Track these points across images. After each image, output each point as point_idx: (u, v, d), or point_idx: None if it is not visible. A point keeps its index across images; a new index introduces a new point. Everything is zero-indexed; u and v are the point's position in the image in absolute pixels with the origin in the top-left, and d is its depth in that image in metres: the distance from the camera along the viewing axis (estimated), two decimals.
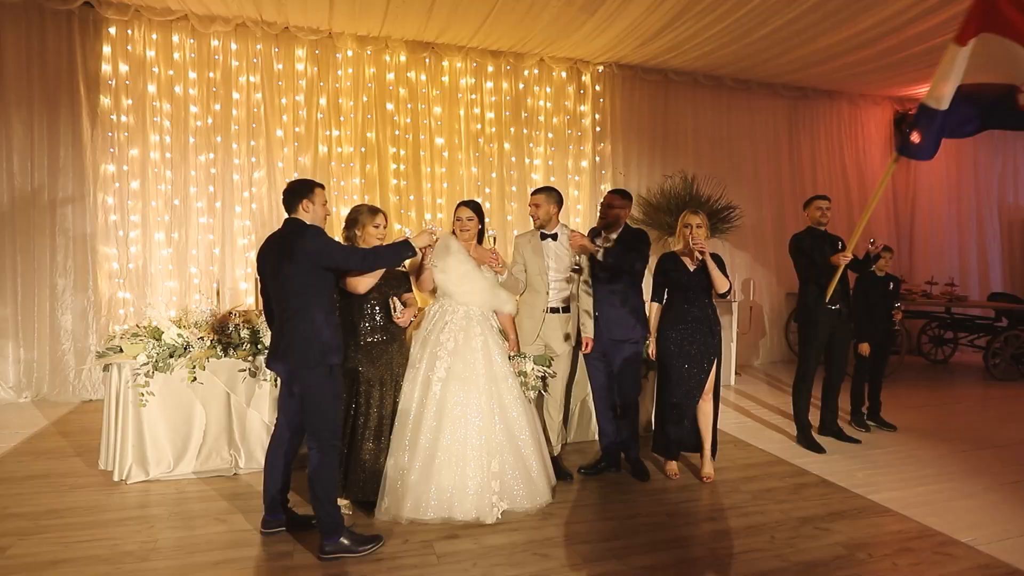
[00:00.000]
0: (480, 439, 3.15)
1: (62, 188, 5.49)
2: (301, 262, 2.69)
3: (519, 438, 3.28)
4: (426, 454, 3.11)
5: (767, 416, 5.29)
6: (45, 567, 2.68)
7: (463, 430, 3.15)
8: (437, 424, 3.14)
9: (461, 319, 3.33)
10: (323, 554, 2.75)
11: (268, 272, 2.81)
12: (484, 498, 3.10)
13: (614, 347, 3.71)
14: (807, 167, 8.10)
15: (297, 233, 2.74)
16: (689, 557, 2.85)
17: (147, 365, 3.58)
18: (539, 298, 3.69)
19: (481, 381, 3.23)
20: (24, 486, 3.53)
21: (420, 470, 3.10)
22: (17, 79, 5.35)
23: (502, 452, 3.20)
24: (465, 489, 3.09)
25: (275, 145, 6.02)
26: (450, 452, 3.11)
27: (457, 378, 3.20)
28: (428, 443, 3.13)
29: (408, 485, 3.09)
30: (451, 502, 3.08)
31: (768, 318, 7.93)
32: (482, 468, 3.13)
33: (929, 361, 8.00)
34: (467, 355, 3.25)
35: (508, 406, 3.28)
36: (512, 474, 3.22)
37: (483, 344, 3.30)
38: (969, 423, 5.21)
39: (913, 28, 5.65)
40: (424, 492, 3.07)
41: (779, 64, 6.85)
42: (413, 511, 3.06)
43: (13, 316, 5.42)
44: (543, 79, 6.89)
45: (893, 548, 2.97)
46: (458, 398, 3.17)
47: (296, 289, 2.72)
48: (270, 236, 2.88)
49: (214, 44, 5.84)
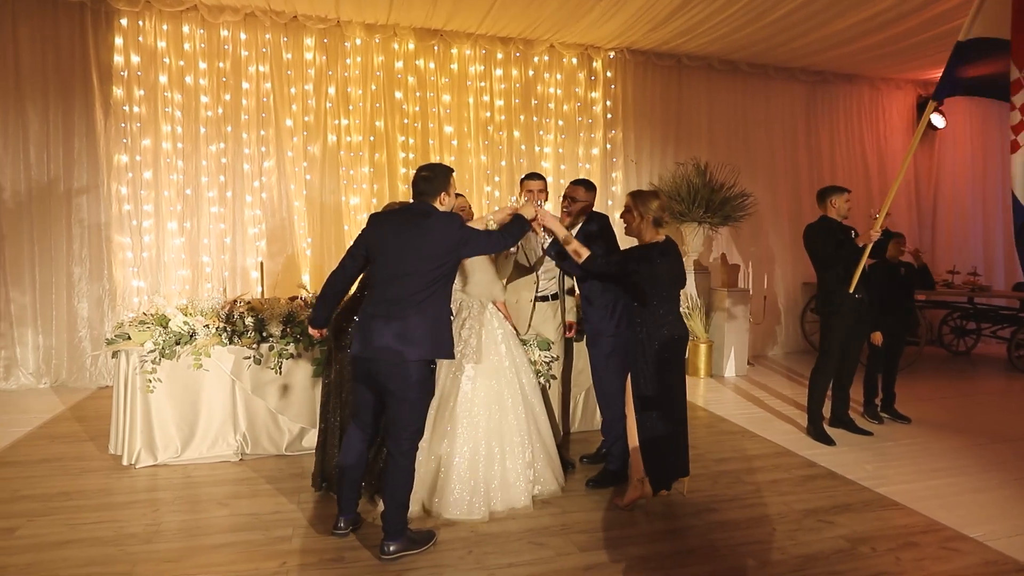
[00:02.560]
0: (515, 429, 3.18)
1: (77, 178, 5.58)
2: (443, 249, 2.60)
3: (543, 425, 3.34)
4: (467, 452, 3.10)
5: (778, 407, 5.21)
6: (52, 548, 2.75)
7: (499, 423, 3.15)
8: (471, 420, 3.13)
9: (477, 312, 3.31)
10: (385, 554, 2.66)
11: (391, 251, 2.64)
12: (523, 487, 3.16)
13: (590, 338, 3.60)
14: (825, 154, 7.90)
15: (439, 218, 2.64)
16: (686, 548, 2.83)
17: (154, 352, 3.63)
18: (529, 286, 3.66)
19: (508, 374, 3.24)
20: (37, 469, 3.63)
21: (459, 468, 3.07)
22: (32, 71, 5.44)
23: (532, 440, 3.25)
24: (506, 481, 3.14)
25: (284, 135, 6.05)
26: (489, 450, 3.12)
27: (484, 374, 3.19)
28: (465, 440, 3.11)
29: (447, 482, 3.06)
30: (493, 495, 3.11)
31: (784, 308, 7.80)
32: (519, 461, 3.17)
33: (950, 352, 7.80)
34: (490, 349, 3.24)
35: (529, 394, 3.33)
36: (542, 460, 3.30)
37: (503, 336, 3.31)
38: (988, 416, 5.07)
39: (935, 8, 5.45)
40: (474, 487, 3.07)
41: (795, 47, 6.68)
42: (467, 510, 3.04)
43: (32, 304, 5.55)
44: (553, 66, 6.81)
45: (898, 542, 2.91)
46: (489, 394, 3.17)
47: (430, 276, 2.60)
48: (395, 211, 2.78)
49: (223, 34, 5.87)
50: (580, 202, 3.55)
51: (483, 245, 2.76)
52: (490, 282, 3.37)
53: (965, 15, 5.53)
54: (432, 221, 2.63)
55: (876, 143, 8.18)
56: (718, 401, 5.44)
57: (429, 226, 2.62)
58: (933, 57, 6.96)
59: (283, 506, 3.19)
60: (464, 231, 2.66)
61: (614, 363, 3.48)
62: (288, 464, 3.75)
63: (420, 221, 2.64)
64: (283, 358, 3.80)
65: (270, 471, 3.64)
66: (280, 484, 3.46)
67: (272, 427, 3.89)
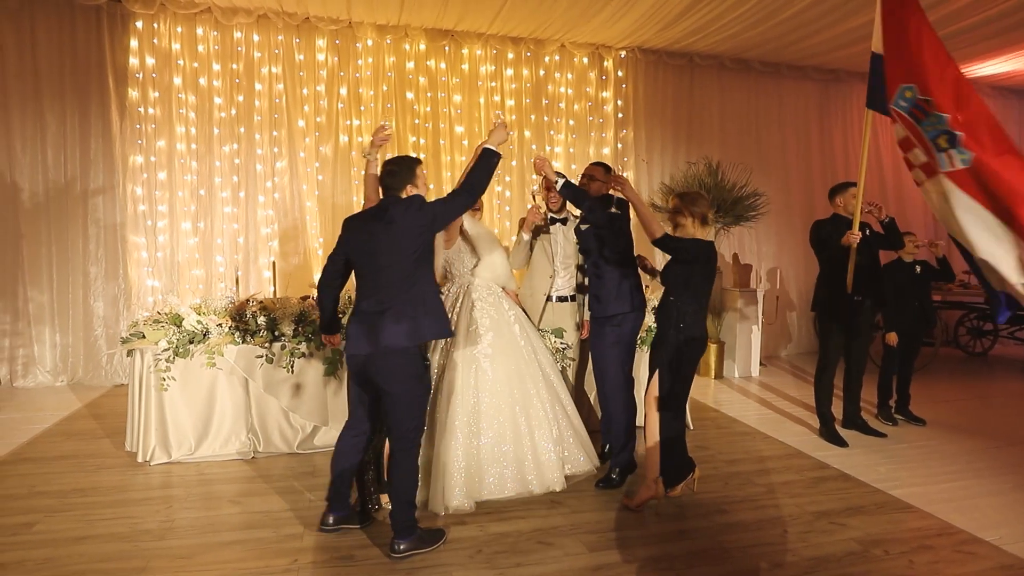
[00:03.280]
0: (539, 406, 3.19)
1: (93, 179, 5.67)
2: (412, 234, 2.62)
3: (565, 402, 3.35)
4: (494, 432, 3.10)
5: (790, 408, 5.17)
6: (68, 543, 2.79)
7: (522, 402, 3.17)
8: (494, 401, 3.13)
9: (487, 295, 3.32)
10: (395, 553, 2.66)
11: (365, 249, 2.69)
12: (555, 466, 3.16)
13: (600, 323, 3.49)
14: (839, 152, 7.83)
15: (396, 206, 2.66)
16: (695, 549, 2.81)
17: (168, 351, 3.68)
18: (543, 283, 3.66)
19: (525, 353, 3.25)
20: (54, 466, 3.69)
21: (488, 448, 3.09)
22: (50, 75, 5.53)
23: (559, 420, 3.26)
24: (538, 460, 3.14)
25: (297, 135, 6.09)
26: (516, 427, 3.13)
27: (503, 353, 3.20)
28: (490, 422, 3.12)
29: (481, 465, 3.08)
30: (525, 475, 3.12)
31: (796, 308, 7.74)
32: (547, 437, 3.17)
33: (967, 354, 7.70)
34: (503, 329, 3.24)
35: (550, 374, 3.34)
36: (571, 440, 3.31)
37: (516, 317, 3.33)
38: (1004, 418, 5.00)
39: (950, 5, 5.39)
40: (502, 469, 3.09)
41: (808, 45, 6.62)
42: (497, 489, 3.07)
43: (49, 303, 5.63)
44: (564, 65, 6.81)
45: (911, 545, 2.88)
46: (509, 371, 3.18)
47: (407, 264, 2.64)
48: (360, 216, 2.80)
49: (237, 36, 5.93)
50: (598, 181, 3.53)
51: (452, 210, 2.73)
52: (499, 265, 3.39)
53: (977, 13, 5.49)
54: (391, 212, 2.66)
55: (890, 141, 8.08)
56: (729, 402, 5.41)
57: (390, 217, 2.65)
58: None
59: (295, 504, 3.21)
60: (426, 208, 2.66)
61: (618, 354, 3.44)
62: (300, 462, 3.78)
63: (381, 215, 2.68)
64: (295, 357, 3.83)
65: (282, 469, 3.67)
66: (292, 482, 3.48)
67: (284, 425, 3.92)
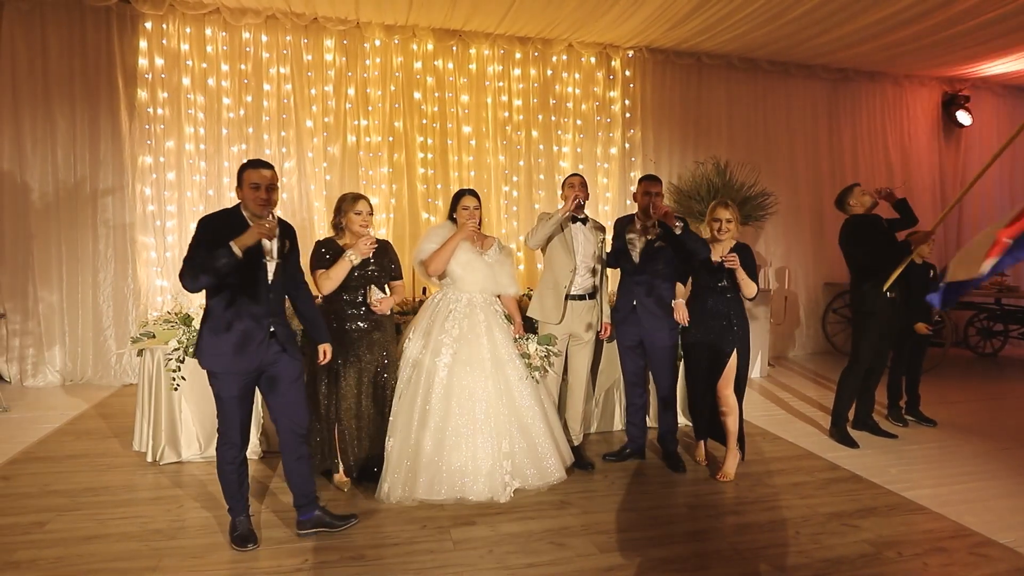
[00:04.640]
0: (489, 421, 3.22)
1: (103, 180, 5.68)
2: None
3: (527, 418, 3.35)
4: (437, 436, 3.17)
5: (800, 408, 5.14)
6: (79, 542, 2.80)
7: (471, 412, 3.21)
8: (445, 407, 3.21)
9: (465, 306, 3.41)
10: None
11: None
12: (496, 478, 3.18)
13: (651, 337, 3.66)
14: (848, 152, 7.79)
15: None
16: (707, 550, 2.80)
17: (178, 351, 3.68)
18: (566, 275, 3.65)
19: (487, 365, 3.29)
20: (64, 465, 3.70)
21: (431, 451, 3.16)
22: (60, 76, 5.55)
23: (511, 433, 3.28)
24: (478, 470, 3.17)
25: (305, 136, 6.10)
26: (459, 434, 3.18)
27: (463, 363, 3.26)
28: (438, 425, 3.19)
29: (420, 466, 3.15)
30: (464, 482, 3.15)
31: (804, 308, 7.70)
32: (493, 448, 3.20)
33: (977, 354, 7.65)
34: (472, 341, 3.31)
35: (514, 388, 3.35)
36: (522, 454, 3.30)
37: (487, 329, 3.37)
38: (1016, 419, 4.95)
39: (963, 2, 5.34)
40: (437, 473, 3.14)
41: (817, 44, 6.59)
42: (427, 491, 3.12)
43: (59, 303, 5.66)
44: (572, 65, 6.79)
45: (925, 547, 2.86)
46: (464, 382, 3.24)
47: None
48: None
49: (245, 36, 5.94)
50: (662, 196, 3.66)
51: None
52: (485, 278, 3.47)
53: (992, 10, 5.44)
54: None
55: (900, 141, 8.04)
56: None
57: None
58: (959, 53, 6.83)
59: None
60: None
61: (671, 357, 3.73)
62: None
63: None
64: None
65: None
66: None
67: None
